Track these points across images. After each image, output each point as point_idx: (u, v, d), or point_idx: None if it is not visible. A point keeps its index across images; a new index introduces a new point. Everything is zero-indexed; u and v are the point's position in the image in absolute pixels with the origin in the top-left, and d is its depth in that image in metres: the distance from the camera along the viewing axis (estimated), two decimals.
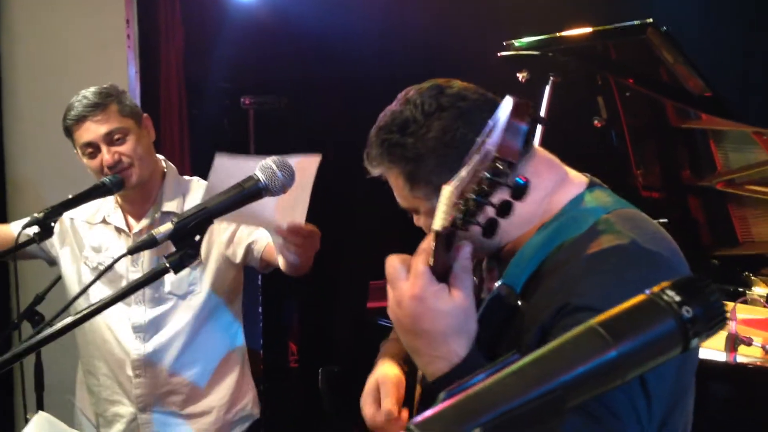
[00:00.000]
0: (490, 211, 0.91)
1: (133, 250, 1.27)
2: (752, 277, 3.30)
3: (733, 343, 2.55)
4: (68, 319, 1.23)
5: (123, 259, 2.20)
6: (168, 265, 1.22)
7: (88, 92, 2.12)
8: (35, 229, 1.95)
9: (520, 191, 0.89)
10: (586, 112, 3.25)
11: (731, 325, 2.58)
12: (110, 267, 1.33)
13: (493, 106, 1.23)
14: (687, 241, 3.41)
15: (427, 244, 1.02)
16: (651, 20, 2.46)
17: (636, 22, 2.53)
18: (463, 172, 0.92)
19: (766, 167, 3.08)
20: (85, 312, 1.24)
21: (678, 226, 3.37)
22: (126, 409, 2.30)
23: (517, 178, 0.88)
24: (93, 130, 2.08)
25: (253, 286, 4.24)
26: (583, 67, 2.98)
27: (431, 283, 1.01)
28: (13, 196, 3.49)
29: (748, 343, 2.53)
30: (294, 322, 4.95)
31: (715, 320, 0.54)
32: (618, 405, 1.03)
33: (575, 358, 0.50)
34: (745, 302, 2.98)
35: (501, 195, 0.90)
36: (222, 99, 4.51)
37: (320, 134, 4.45)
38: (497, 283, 1.26)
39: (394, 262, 1.05)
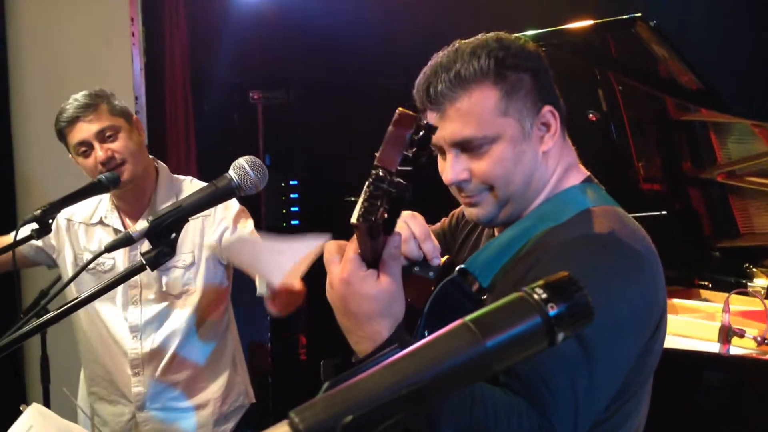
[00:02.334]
0: (383, 212, 0.97)
1: (109, 248, 1.32)
2: (753, 269, 3.30)
3: (726, 334, 2.57)
4: (51, 314, 1.28)
5: (121, 258, 2.28)
6: (144, 261, 1.26)
7: (79, 95, 2.19)
8: (34, 225, 2.01)
9: (400, 199, 0.96)
10: (585, 106, 3.27)
11: (725, 317, 2.60)
12: (90, 262, 1.38)
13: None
14: (688, 233, 3.43)
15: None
16: (640, 14, 2.47)
17: (624, 16, 2.54)
18: (373, 168, 0.99)
19: (766, 158, 3.08)
20: (69, 304, 1.29)
21: (679, 218, 3.39)
22: (124, 408, 2.36)
23: (400, 191, 0.96)
24: (85, 129, 2.14)
25: None
26: (577, 62, 3.00)
27: (359, 269, 1.07)
28: (22, 193, 3.57)
29: (741, 334, 2.55)
30: (303, 314, 5.01)
31: (578, 317, 0.57)
32: (555, 377, 1.09)
33: (445, 352, 0.54)
34: (743, 293, 2.99)
35: (394, 201, 0.97)
36: (230, 94, 4.55)
37: (329, 128, 4.49)
38: (459, 266, 1.32)
39: (330, 248, 1.13)
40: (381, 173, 0.94)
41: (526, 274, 1.20)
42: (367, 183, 0.96)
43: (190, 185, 2.35)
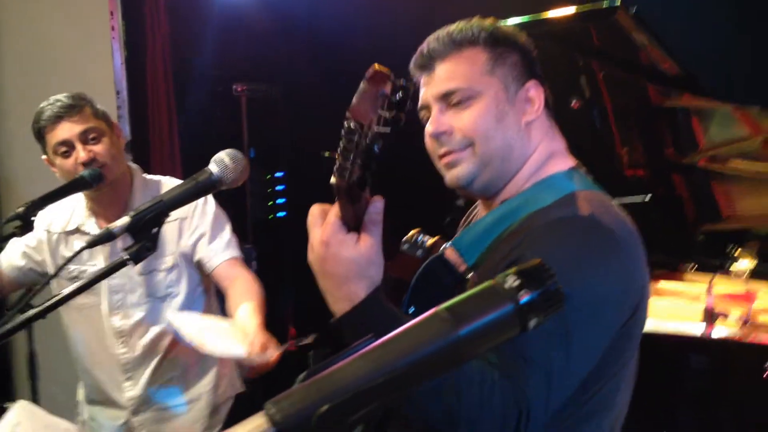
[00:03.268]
0: (357, 168, 1.01)
1: (91, 244, 1.32)
2: (736, 252, 3.34)
3: (710, 316, 2.60)
4: (35, 309, 1.28)
5: (100, 260, 2.26)
6: (126, 257, 1.26)
7: (60, 96, 2.16)
8: (17, 223, 1.99)
9: (370, 152, 0.99)
10: (568, 93, 3.28)
11: (708, 300, 2.63)
12: (68, 261, 1.38)
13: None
14: (672, 218, 3.46)
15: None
16: (619, 2, 2.48)
17: (605, 5, 2.55)
18: (345, 120, 1.02)
19: (746, 142, 3.10)
20: (52, 300, 1.29)
21: (663, 203, 3.41)
22: (119, 413, 2.37)
23: (375, 145, 0.99)
24: (68, 128, 2.12)
25: None
26: (559, 50, 3.01)
27: (338, 232, 1.11)
28: (5, 193, 3.55)
29: (725, 316, 2.58)
30: (291, 306, 5.01)
31: (549, 303, 0.58)
32: (532, 353, 1.11)
33: (420, 341, 0.55)
34: (727, 276, 3.02)
35: (364, 154, 1.01)
36: (213, 87, 4.53)
37: (313, 120, 4.48)
38: (446, 244, 1.35)
39: (313, 211, 1.16)
40: (352, 125, 0.97)
41: (509, 253, 1.23)
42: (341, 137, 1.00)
43: (166, 184, 2.35)
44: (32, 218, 1.98)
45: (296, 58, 4.51)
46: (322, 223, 1.13)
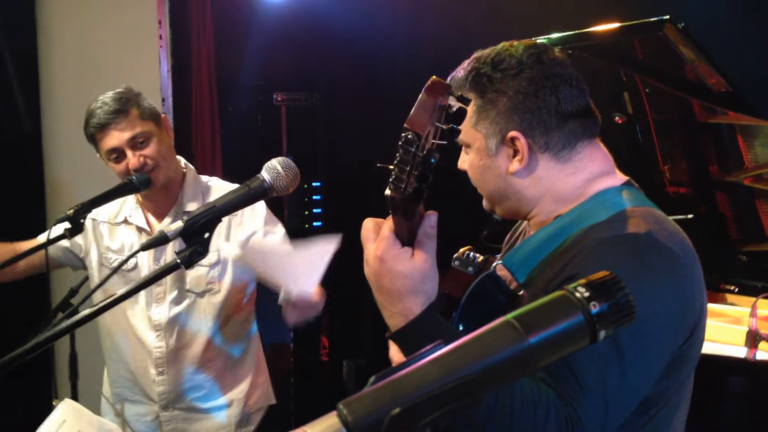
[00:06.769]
0: (413, 179, 1.00)
1: (145, 247, 1.35)
2: None
3: (753, 339, 2.55)
4: (84, 312, 1.30)
5: (146, 259, 2.28)
6: (179, 261, 1.28)
7: (107, 98, 2.16)
8: (66, 225, 2.03)
9: (427, 164, 0.98)
10: (611, 109, 3.26)
11: (752, 322, 2.58)
12: (124, 262, 1.39)
13: (580, 87, 1.32)
14: (715, 237, 3.39)
15: None
16: (668, 17, 2.45)
17: (652, 19, 2.52)
18: (402, 131, 1.01)
19: None
20: (100, 305, 1.31)
21: (705, 222, 3.37)
22: (148, 407, 2.37)
23: (432, 158, 0.99)
24: (116, 136, 2.13)
25: None
26: (603, 64, 2.99)
27: (393, 246, 1.10)
28: (52, 196, 3.62)
29: None
30: (324, 316, 5.03)
31: (620, 315, 0.58)
32: (586, 375, 1.09)
33: (490, 348, 0.55)
34: None
35: (421, 166, 1.00)
36: (255, 96, 4.60)
37: (352, 130, 4.51)
38: (497, 262, 1.34)
39: (367, 225, 1.16)
40: (410, 136, 0.97)
41: (562, 270, 1.21)
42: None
43: (216, 184, 2.37)
44: (81, 220, 2.02)
45: (336, 69, 4.55)
46: (376, 237, 1.12)
